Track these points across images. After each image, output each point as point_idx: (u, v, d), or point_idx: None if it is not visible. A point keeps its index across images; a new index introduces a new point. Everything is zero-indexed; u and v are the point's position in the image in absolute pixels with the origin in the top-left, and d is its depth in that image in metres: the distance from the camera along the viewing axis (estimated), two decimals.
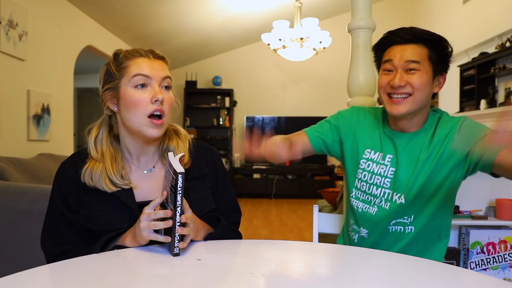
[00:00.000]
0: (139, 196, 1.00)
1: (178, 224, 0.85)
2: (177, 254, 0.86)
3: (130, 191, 0.99)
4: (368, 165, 1.17)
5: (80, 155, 1.02)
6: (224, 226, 1.02)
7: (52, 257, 0.97)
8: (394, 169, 1.13)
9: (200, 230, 0.97)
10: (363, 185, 1.18)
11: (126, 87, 0.96)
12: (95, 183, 0.96)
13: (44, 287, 0.72)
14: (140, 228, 0.88)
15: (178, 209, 0.85)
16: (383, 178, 1.14)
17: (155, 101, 0.95)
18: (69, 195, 0.98)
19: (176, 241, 0.85)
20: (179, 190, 0.84)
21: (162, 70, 0.99)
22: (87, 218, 0.97)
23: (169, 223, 0.86)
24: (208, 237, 0.99)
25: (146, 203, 0.93)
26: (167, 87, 1.00)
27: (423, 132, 1.13)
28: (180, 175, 0.83)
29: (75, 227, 0.97)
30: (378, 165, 1.16)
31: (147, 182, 1.03)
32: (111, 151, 1.01)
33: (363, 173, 1.18)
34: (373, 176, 1.16)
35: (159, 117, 0.97)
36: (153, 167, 1.05)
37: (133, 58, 0.98)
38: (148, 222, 0.87)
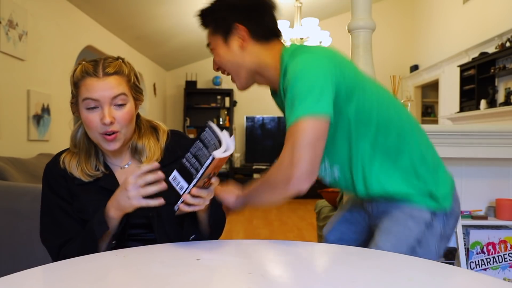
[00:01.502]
0: None
1: (188, 191, 0.88)
2: (173, 212, 0.90)
3: (113, 178, 1.04)
4: None
5: (62, 153, 1.08)
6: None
7: (55, 249, 1.00)
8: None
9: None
10: None
11: (81, 108, 0.99)
12: (73, 171, 1.02)
13: (43, 287, 0.72)
14: (128, 198, 0.90)
15: (194, 181, 0.87)
16: None
17: (103, 123, 0.96)
18: (60, 188, 1.03)
19: (179, 201, 0.89)
20: (204, 168, 0.85)
21: (112, 89, 0.96)
22: (78, 209, 1.01)
23: (162, 185, 0.90)
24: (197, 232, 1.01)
25: None
26: (121, 104, 0.98)
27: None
28: (211, 157, 0.84)
29: (72, 217, 1.02)
30: None
31: (126, 175, 1.06)
32: (86, 147, 1.06)
33: None
34: None
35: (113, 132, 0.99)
36: (129, 162, 1.09)
37: (83, 79, 0.97)
38: (138, 190, 0.89)
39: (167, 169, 1.03)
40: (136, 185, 0.89)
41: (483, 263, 1.70)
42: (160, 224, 1.01)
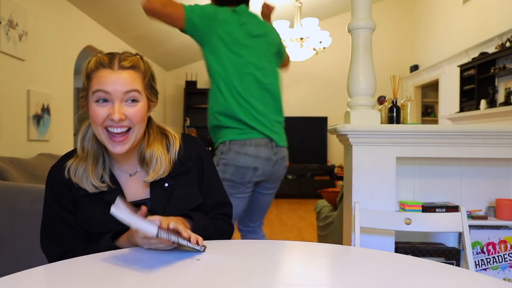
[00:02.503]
0: (127, 198, 1.02)
1: (177, 239, 0.84)
2: (203, 250, 0.88)
3: (119, 192, 1.00)
4: None
5: (69, 157, 1.02)
6: (200, 225, 1.01)
7: (54, 258, 0.98)
8: None
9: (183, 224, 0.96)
10: None
11: (91, 101, 0.94)
12: (78, 180, 0.97)
13: (43, 287, 0.72)
14: (142, 245, 0.90)
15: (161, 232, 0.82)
16: None
17: (112, 119, 0.92)
18: (64, 197, 1.00)
19: (190, 244, 0.85)
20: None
21: (126, 84, 0.92)
22: (82, 220, 0.99)
23: (169, 244, 0.88)
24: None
25: (135, 203, 0.98)
26: (134, 100, 0.95)
27: None
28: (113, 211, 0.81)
29: (74, 227, 1.00)
30: None
31: (133, 183, 1.04)
32: (95, 152, 1.00)
33: None
34: None
35: (121, 134, 0.94)
36: (137, 169, 1.05)
37: (97, 70, 0.93)
38: (149, 245, 0.89)
39: (175, 180, 1.03)
40: (144, 245, 0.89)
41: (483, 263, 1.70)
42: None
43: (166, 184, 1.02)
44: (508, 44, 4.46)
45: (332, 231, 2.69)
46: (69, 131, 4.03)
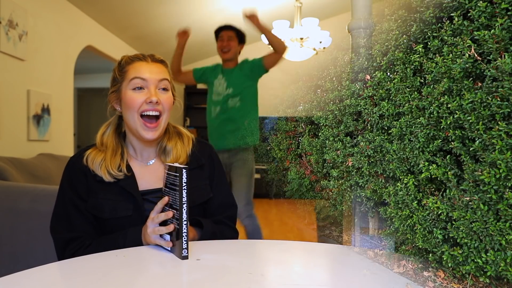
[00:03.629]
0: (141, 187, 1.07)
1: (185, 223, 0.85)
2: (185, 257, 0.84)
3: (133, 180, 1.05)
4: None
5: (87, 149, 1.10)
6: (208, 231, 1.04)
7: (63, 242, 1.02)
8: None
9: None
10: None
11: (126, 90, 1.04)
12: (95, 168, 1.04)
13: (43, 286, 0.72)
14: (148, 234, 0.94)
15: (184, 206, 0.86)
16: None
17: (150, 102, 1.02)
18: (79, 184, 1.05)
19: (184, 243, 0.84)
20: (184, 186, 0.86)
21: (159, 73, 1.06)
22: (94, 206, 1.03)
23: (171, 227, 0.89)
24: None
25: (149, 191, 1.02)
26: (165, 89, 1.07)
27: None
28: (184, 170, 0.86)
29: (85, 215, 1.03)
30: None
31: (148, 173, 1.10)
32: (114, 145, 1.09)
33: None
34: None
35: (155, 118, 1.04)
36: (153, 160, 1.13)
37: (132, 63, 1.07)
38: (154, 228, 0.93)
39: (191, 172, 1.07)
40: (153, 222, 0.93)
41: None
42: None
43: None
44: None
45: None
46: (69, 131, 4.03)
